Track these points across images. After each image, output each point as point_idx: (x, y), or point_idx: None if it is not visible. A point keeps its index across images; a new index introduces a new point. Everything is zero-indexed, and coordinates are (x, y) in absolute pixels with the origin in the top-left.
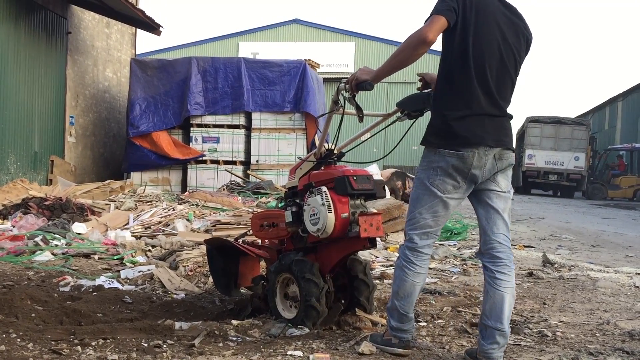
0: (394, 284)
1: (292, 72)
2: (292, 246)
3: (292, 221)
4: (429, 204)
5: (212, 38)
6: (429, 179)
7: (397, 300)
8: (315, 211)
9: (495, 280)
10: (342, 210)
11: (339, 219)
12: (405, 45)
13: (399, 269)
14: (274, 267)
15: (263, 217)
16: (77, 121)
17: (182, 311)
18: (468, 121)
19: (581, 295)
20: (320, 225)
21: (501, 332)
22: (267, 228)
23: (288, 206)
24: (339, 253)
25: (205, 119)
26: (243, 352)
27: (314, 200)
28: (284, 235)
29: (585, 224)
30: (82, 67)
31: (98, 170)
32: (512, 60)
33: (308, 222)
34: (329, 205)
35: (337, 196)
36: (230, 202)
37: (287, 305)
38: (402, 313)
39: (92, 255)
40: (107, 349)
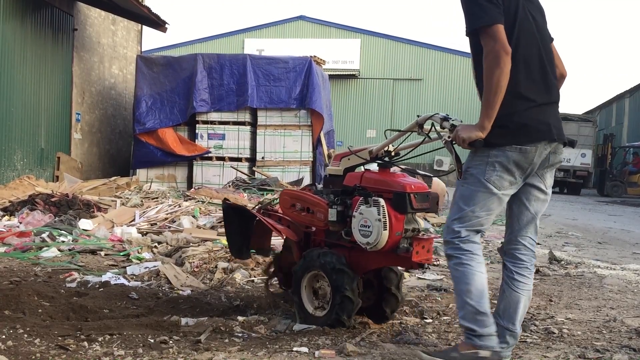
0: (461, 285)
1: (298, 69)
2: (322, 237)
3: (335, 221)
4: (483, 201)
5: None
6: (484, 174)
7: (471, 300)
8: (369, 224)
9: (513, 281)
10: (397, 227)
11: (393, 236)
12: (490, 72)
13: (460, 266)
14: (299, 267)
15: (297, 197)
16: (84, 118)
17: (188, 307)
18: (530, 113)
19: (588, 293)
20: (372, 240)
21: (512, 333)
22: (300, 211)
23: (334, 203)
24: (380, 263)
25: (210, 116)
26: (249, 348)
27: (369, 212)
28: (320, 227)
29: (591, 221)
30: (88, 64)
31: (104, 167)
32: (547, 41)
33: (357, 231)
34: (385, 223)
35: (394, 212)
36: (236, 198)
37: (315, 304)
38: (482, 312)
39: (98, 252)
40: (114, 344)
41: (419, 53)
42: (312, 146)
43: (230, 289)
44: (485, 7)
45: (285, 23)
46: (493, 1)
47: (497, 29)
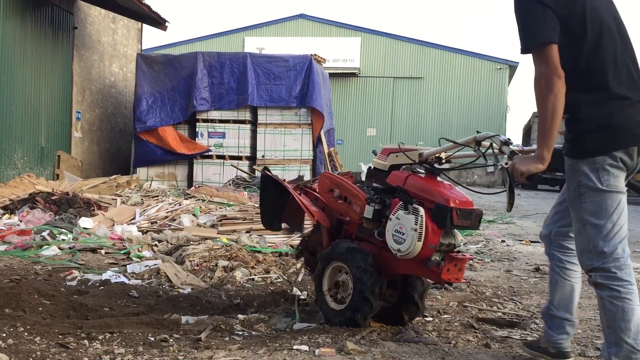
0: (618, 321)
1: (298, 67)
2: (354, 229)
3: (371, 219)
4: (614, 207)
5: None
6: (601, 181)
7: (629, 338)
8: (404, 231)
9: (565, 270)
10: (432, 241)
11: (426, 248)
12: (543, 99)
13: (618, 300)
14: (326, 255)
15: (337, 183)
16: (84, 116)
17: (189, 306)
18: (627, 112)
19: (588, 291)
20: (404, 248)
21: (571, 322)
22: (337, 198)
23: (372, 200)
24: (408, 270)
25: (211, 114)
26: (249, 346)
27: (406, 219)
28: (354, 219)
29: None
30: (89, 62)
31: (104, 166)
32: (624, 30)
33: (390, 235)
34: (420, 234)
35: (432, 224)
36: (236, 197)
37: (335, 296)
38: (638, 350)
39: (98, 250)
40: (114, 342)
41: (419, 51)
42: (313, 145)
43: (231, 287)
44: (542, 22)
45: (286, 21)
46: (547, 18)
47: (550, 50)
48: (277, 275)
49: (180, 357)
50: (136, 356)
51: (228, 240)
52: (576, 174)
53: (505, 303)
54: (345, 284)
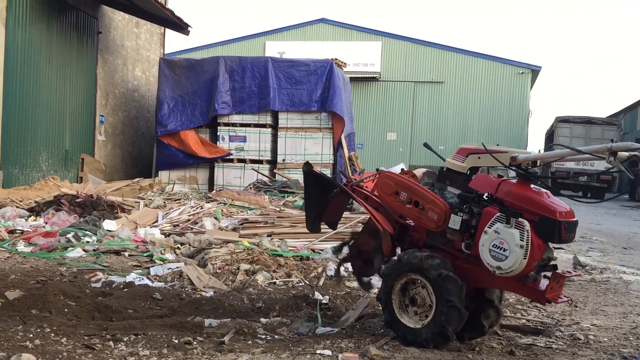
0: None
1: (319, 72)
2: (422, 235)
3: (458, 230)
4: None
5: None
6: None
7: None
8: (506, 247)
9: None
10: (536, 257)
11: (529, 266)
12: None
13: None
14: (391, 269)
15: (405, 186)
16: (107, 120)
17: (211, 308)
18: None
19: (613, 299)
20: (506, 265)
21: None
22: (405, 202)
23: (459, 209)
24: (495, 284)
25: (232, 118)
26: (272, 350)
27: (509, 234)
28: (429, 226)
29: (616, 226)
30: (112, 66)
31: (127, 168)
32: None
33: (486, 250)
34: (527, 251)
35: (537, 240)
36: (257, 200)
37: (411, 314)
38: None
39: (122, 252)
40: (139, 344)
41: (440, 55)
42: (333, 149)
43: (252, 291)
44: None
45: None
46: None
47: None
48: (299, 279)
49: (204, 359)
50: (160, 358)
51: (250, 244)
52: None
53: (529, 310)
54: (422, 297)
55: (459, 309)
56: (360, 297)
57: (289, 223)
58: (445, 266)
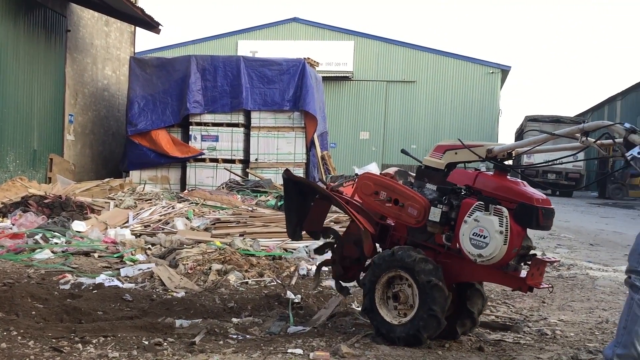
0: (637, 326)
1: (291, 71)
2: (403, 233)
3: (438, 222)
4: None
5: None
6: None
7: (638, 344)
8: (485, 234)
9: None
10: (516, 244)
11: (510, 253)
12: None
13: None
14: (382, 260)
15: (384, 185)
16: (76, 119)
17: (182, 309)
18: None
19: (580, 294)
20: (486, 252)
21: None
22: (385, 201)
23: (439, 202)
24: (477, 277)
25: (204, 118)
26: (243, 350)
27: (488, 221)
28: (409, 223)
29: (584, 223)
30: (81, 65)
31: (97, 169)
32: None
33: (467, 239)
34: (506, 236)
35: (517, 227)
36: (229, 200)
37: (390, 308)
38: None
39: (91, 254)
40: (108, 346)
41: (412, 55)
42: (306, 148)
43: (225, 291)
44: None
45: (279, 25)
46: None
47: None
48: (271, 278)
49: None
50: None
51: (222, 244)
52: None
53: (499, 306)
54: (406, 295)
55: (439, 319)
56: (333, 296)
57: (262, 222)
58: (437, 274)
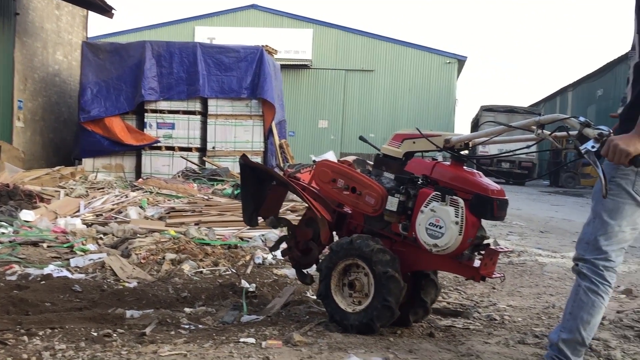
0: (584, 312)
1: (249, 58)
2: (360, 221)
3: (395, 211)
4: (630, 215)
5: (167, 22)
6: (633, 185)
7: (584, 331)
8: (441, 224)
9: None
10: (471, 234)
11: (464, 243)
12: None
13: (593, 294)
14: (340, 247)
15: (342, 173)
16: (26, 105)
17: (134, 300)
18: None
19: (529, 280)
20: (442, 242)
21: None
22: (342, 189)
23: (396, 191)
24: (432, 266)
25: (159, 105)
26: (195, 340)
27: (444, 211)
28: (366, 212)
29: (535, 211)
30: (31, 49)
31: (48, 157)
32: None
33: (423, 229)
34: (462, 227)
35: (472, 217)
36: (185, 189)
37: (345, 295)
38: (586, 345)
39: (40, 244)
40: (55, 338)
41: (370, 44)
42: (264, 136)
43: (178, 281)
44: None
45: (237, 11)
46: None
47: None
48: (226, 267)
49: (124, 352)
50: (77, 352)
51: (176, 233)
52: (614, 170)
53: (450, 293)
54: (361, 284)
55: (393, 310)
56: (287, 285)
57: (217, 211)
58: (394, 265)
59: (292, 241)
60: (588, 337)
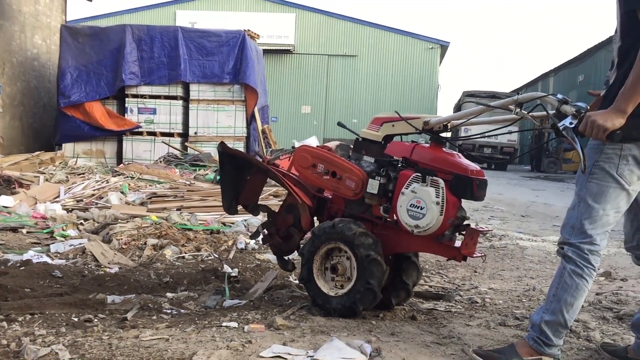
0: (567, 295)
1: (231, 43)
2: (341, 205)
3: (376, 194)
4: (614, 199)
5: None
6: (617, 168)
7: (567, 313)
8: (422, 205)
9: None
10: (451, 214)
11: (445, 223)
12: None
13: (578, 277)
14: (321, 232)
15: (322, 158)
16: (4, 90)
17: (116, 285)
18: None
19: (510, 263)
20: (423, 223)
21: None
22: (322, 173)
23: (377, 174)
24: (413, 247)
25: (141, 90)
26: (177, 324)
27: (425, 192)
28: (347, 195)
29: (516, 195)
30: (8, 33)
31: (28, 142)
32: None
33: (404, 211)
34: (442, 207)
35: (452, 197)
36: (166, 174)
37: (328, 279)
38: (568, 327)
39: (19, 229)
40: (35, 324)
41: (353, 29)
42: (246, 122)
43: (160, 266)
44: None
45: None
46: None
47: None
48: (208, 253)
49: (105, 337)
50: (58, 337)
51: (158, 218)
52: (597, 154)
53: (432, 276)
54: (344, 268)
55: (375, 293)
56: (270, 269)
57: (199, 197)
58: (376, 248)
59: (272, 228)
60: (570, 319)
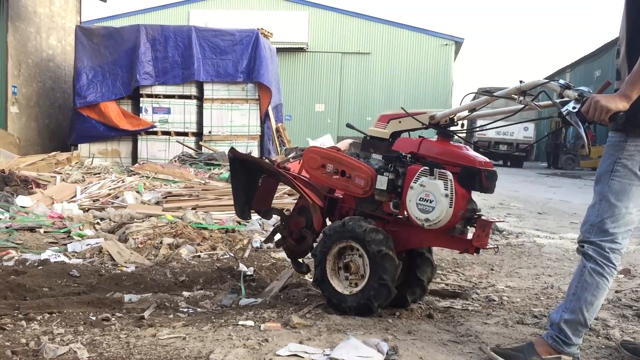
0: (588, 294)
1: (245, 41)
2: (351, 204)
3: (385, 190)
4: (637, 196)
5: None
6: (638, 165)
7: (587, 312)
8: (431, 198)
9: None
10: (461, 206)
11: (456, 215)
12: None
13: (598, 276)
14: (333, 231)
15: (331, 158)
16: (20, 91)
17: (132, 284)
18: None
19: (527, 261)
20: (433, 216)
21: None
22: (332, 173)
23: (385, 170)
24: (425, 242)
25: (155, 89)
26: (194, 323)
27: (434, 185)
28: (357, 194)
29: (532, 193)
30: (24, 34)
31: (44, 142)
32: None
33: (414, 205)
34: (452, 199)
35: (461, 189)
36: (181, 173)
37: (342, 278)
38: (587, 326)
39: (37, 229)
40: (53, 323)
41: (367, 27)
42: (260, 120)
43: (176, 265)
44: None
45: None
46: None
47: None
48: (224, 251)
49: (123, 335)
50: (76, 336)
51: (173, 218)
52: (618, 151)
53: (449, 275)
54: (357, 265)
55: (390, 288)
56: (285, 268)
57: (214, 196)
58: (387, 244)
59: (285, 231)
60: (590, 318)
